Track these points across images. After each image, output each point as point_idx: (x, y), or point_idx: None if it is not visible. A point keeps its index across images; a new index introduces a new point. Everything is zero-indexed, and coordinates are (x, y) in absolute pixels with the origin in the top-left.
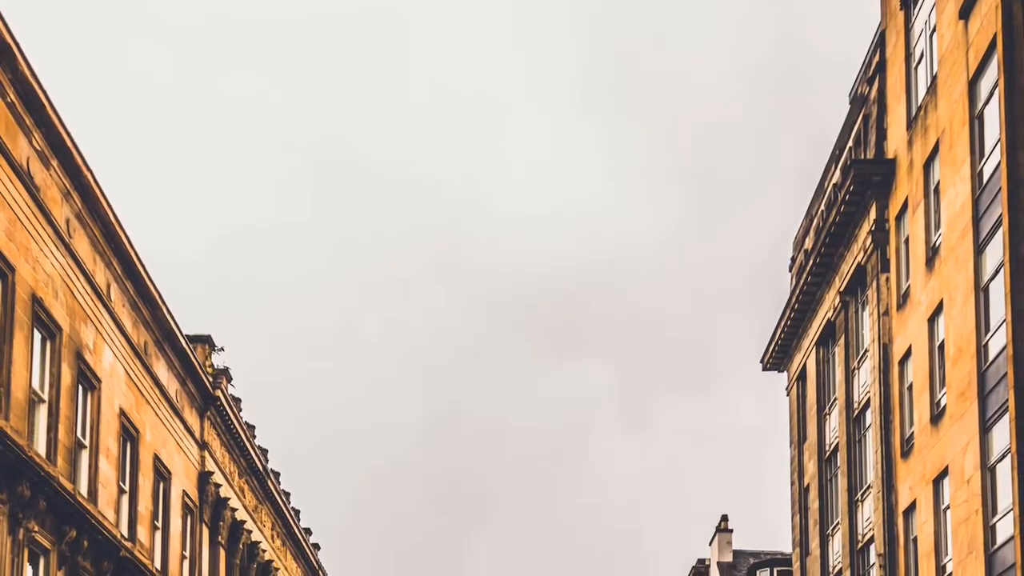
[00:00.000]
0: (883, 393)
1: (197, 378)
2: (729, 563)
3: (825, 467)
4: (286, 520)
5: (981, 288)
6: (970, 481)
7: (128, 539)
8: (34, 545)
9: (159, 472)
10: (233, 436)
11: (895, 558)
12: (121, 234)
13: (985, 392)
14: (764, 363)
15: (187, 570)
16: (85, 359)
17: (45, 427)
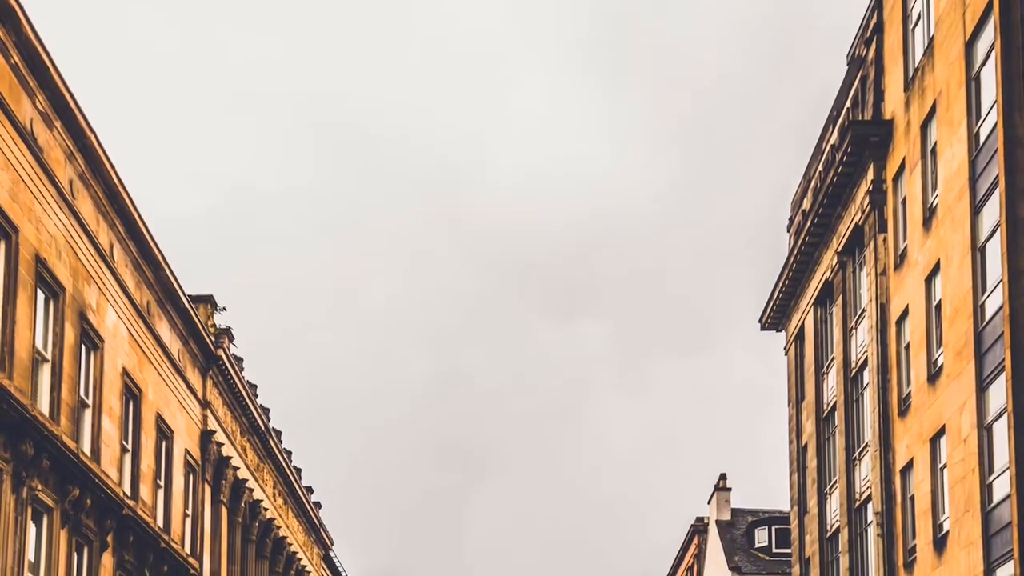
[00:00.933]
0: (880, 352)
1: (199, 338)
2: (727, 521)
3: (823, 426)
4: (288, 479)
5: (978, 248)
6: (967, 440)
7: (131, 498)
8: (37, 504)
9: (161, 431)
10: (235, 395)
11: (892, 516)
12: (124, 195)
13: (982, 351)
14: (762, 322)
15: (189, 528)
16: (88, 319)
17: (48, 386)
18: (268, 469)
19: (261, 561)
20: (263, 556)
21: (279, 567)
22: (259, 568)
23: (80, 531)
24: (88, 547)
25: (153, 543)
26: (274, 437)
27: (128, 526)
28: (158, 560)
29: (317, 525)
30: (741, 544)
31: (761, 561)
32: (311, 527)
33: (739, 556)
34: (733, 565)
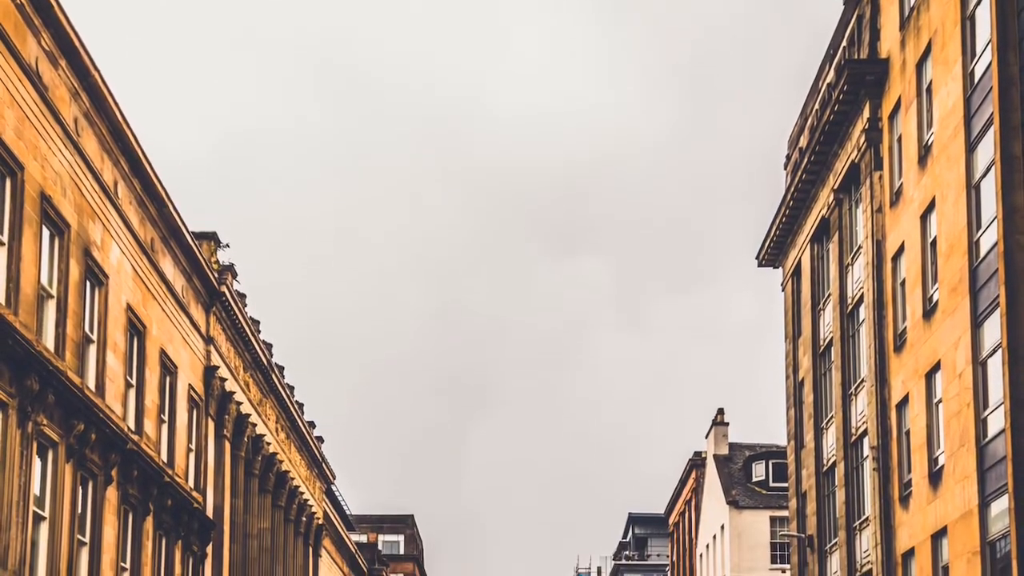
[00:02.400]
0: (876, 289)
1: (203, 274)
2: (725, 456)
3: (819, 361)
4: (290, 413)
5: (972, 186)
6: (962, 375)
7: (135, 432)
8: (42, 438)
9: (165, 366)
10: (238, 331)
11: (888, 451)
12: (128, 133)
13: (976, 288)
14: (759, 259)
15: (192, 463)
16: (93, 255)
17: (53, 322)
18: (271, 404)
19: (264, 495)
20: (266, 490)
21: (281, 501)
22: (262, 502)
23: (85, 465)
24: (93, 481)
25: (157, 477)
26: (277, 372)
27: (132, 460)
28: (162, 494)
29: (319, 459)
30: (739, 478)
31: (758, 495)
32: (313, 461)
33: (737, 490)
34: (731, 499)
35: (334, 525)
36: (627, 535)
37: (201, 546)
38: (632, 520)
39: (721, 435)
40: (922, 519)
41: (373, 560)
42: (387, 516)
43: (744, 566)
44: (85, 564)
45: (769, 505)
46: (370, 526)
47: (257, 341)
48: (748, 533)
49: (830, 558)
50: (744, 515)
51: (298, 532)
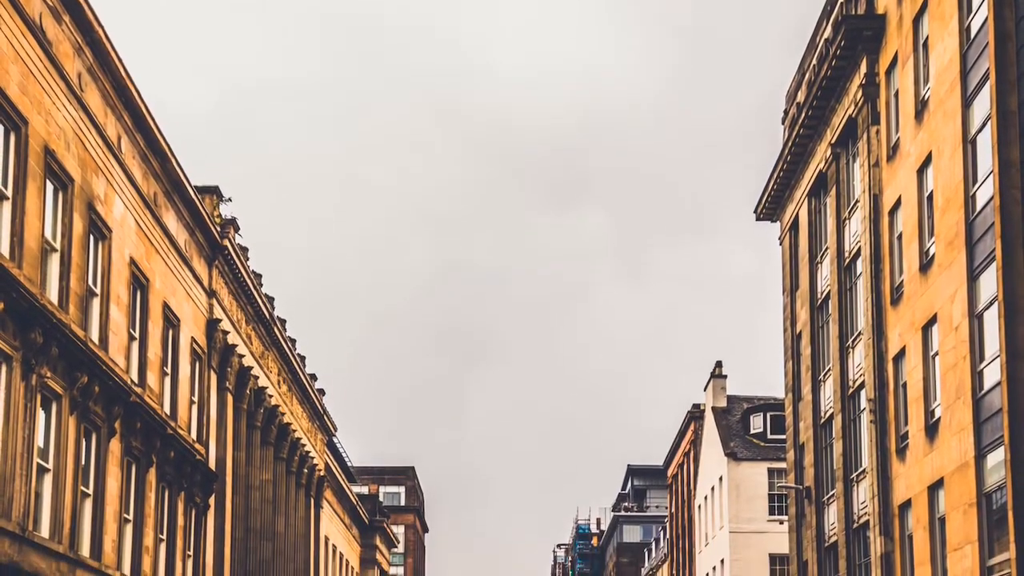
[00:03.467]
0: (873, 242)
1: (205, 228)
2: (723, 408)
3: (817, 314)
4: (292, 366)
5: (969, 140)
6: (958, 328)
7: (138, 385)
8: (46, 391)
9: (168, 319)
10: (240, 284)
11: (885, 403)
12: (131, 88)
13: (972, 241)
14: (757, 213)
15: (195, 415)
16: (96, 209)
17: (57, 276)
18: (273, 357)
19: (266, 447)
20: (268, 442)
21: (283, 453)
22: (264, 454)
23: (88, 418)
24: (96, 433)
25: (160, 429)
26: (278, 325)
27: (135, 413)
28: (165, 446)
29: (320, 412)
30: (737, 430)
31: (756, 447)
32: (315, 414)
33: (735, 442)
34: (729, 451)
35: (335, 477)
36: (626, 487)
37: (204, 498)
38: (631, 472)
39: (719, 387)
40: (919, 471)
41: (374, 511)
42: (388, 468)
43: (742, 517)
44: (88, 516)
45: (767, 457)
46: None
47: (259, 294)
48: (746, 485)
49: (827, 509)
50: (742, 467)
51: (300, 484)
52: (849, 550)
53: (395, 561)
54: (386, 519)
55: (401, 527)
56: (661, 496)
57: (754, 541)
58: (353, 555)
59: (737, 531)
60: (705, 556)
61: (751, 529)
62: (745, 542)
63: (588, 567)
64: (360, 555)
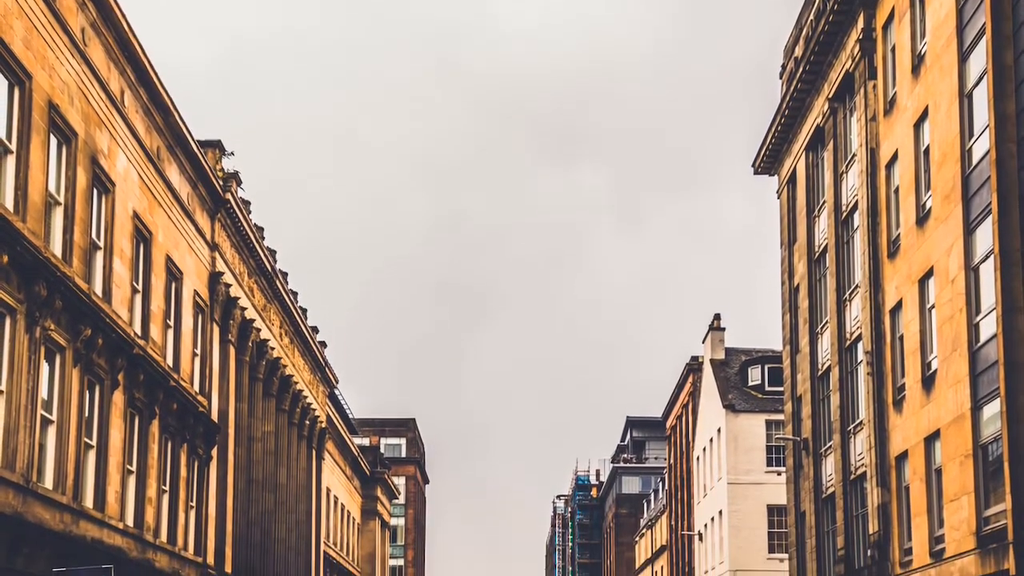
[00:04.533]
0: (870, 196)
1: (208, 182)
2: (721, 360)
3: (814, 267)
4: (293, 319)
5: (965, 94)
6: (954, 281)
7: (141, 337)
8: (50, 343)
9: (171, 272)
10: (242, 237)
11: (882, 355)
12: (134, 42)
13: (969, 195)
14: (755, 167)
15: (198, 367)
16: (100, 163)
17: (61, 229)
18: (274, 309)
19: (268, 399)
20: (270, 394)
21: (285, 404)
22: (266, 405)
23: (92, 370)
24: (99, 385)
25: (163, 381)
26: (280, 278)
27: (138, 365)
28: (168, 398)
29: (322, 363)
30: (735, 382)
31: (754, 399)
32: (316, 366)
33: (733, 394)
34: (727, 403)
35: (337, 428)
36: (625, 438)
37: (206, 449)
38: (630, 424)
39: (718, 340)
40: (915, 423)
41: (375, 463)
42: (389, 420)
43: (740, 469)
44: (92, 467)
45: (765, 409)
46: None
47: (261, 247)
48: (744, 436)
49: (825, 461)
50: (740, 419)
51: (301, 435)
52: (846, 501)
53: (396, 512)
54: (387, 470)
55: (402, 478)
56: (660, 448)
57: (752, 492)
58: (354, 506)
59: (735, 482)
60: (703, 507)
61: (749, 480)
62: (743, 493)
63: (588, 518)
64: (361, 506)
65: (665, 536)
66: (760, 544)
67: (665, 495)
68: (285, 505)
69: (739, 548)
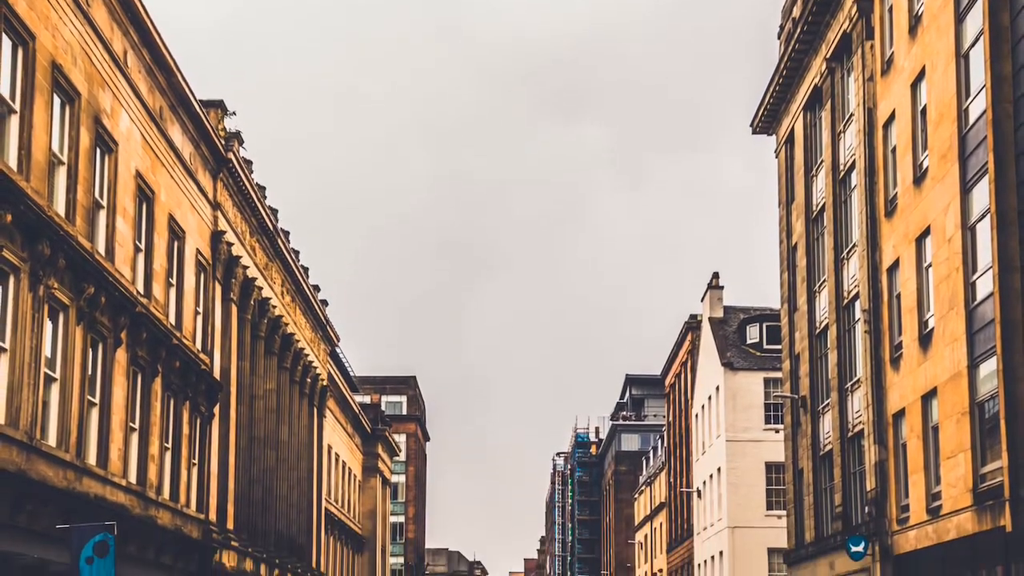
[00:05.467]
0: (868, 155)
1: (210, 141)
2: (720, 318)
3: (812, 226)
4: (295, 277)
5: (961, 55)
6: (951, 240)
7: (144, 295)
8: (53, 302)
9: (173, 231)
10: (244, 197)
11: (879, 314)
12: (137, 3)
13: (965, 154)
14: (754, 126)
15: (200, 325)
16: (103, 123)
17: (64, 188)
18: (276, 268)
19: (269, 357)
20: (271, 352)
21: (287, 363)
22: (267, 363)
23: (95, 328)
24: (103, 343)
25: (165, 339)
26: (282, 237)
27: (141, 323)
28: (170, 356)
29: (323, 322)
30: (733, 340)
31: (752, 357)
32: (318, 324)
33: (731, 352)
34: (725, 361)
35: (338, 386)
36: (624, 396)
37: (208, 407)
38: (629, 381)
39: (716, 298)
40: (912, 380)
41: (376, 420)
42: (390, 377)
43: (738, 426)
44: (95, 424)
45: (763, 367)
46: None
47: (263, 206)
48: (742, 394)
49: (822, 419)
50: (738, 376)
51: (303, 393)
52: (844, 458)
53: (397, 469)
54: (388, 428)
55: (403, 436)
56: (659, 405)
57: (750, 449)
58: (355, 463)
59: (733, 439)
60: (702, 464)
61: (747, 438)
62: (741, 450)
63: (587, 475)
64: (362, 463)
65: (664, 493)
66: (758, 501)
67: (664, 452)
68: (287, 462)
69: (737, 505)
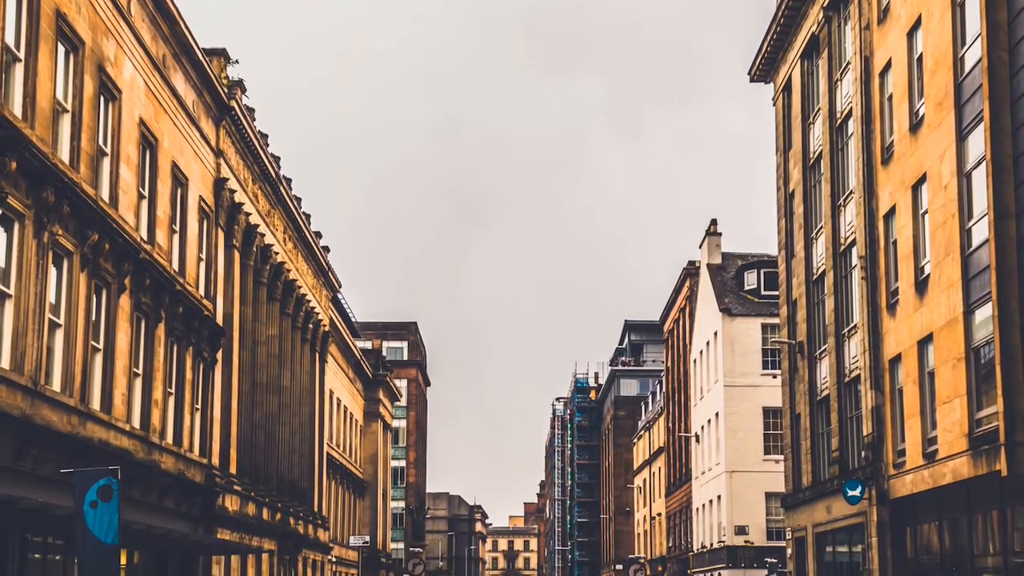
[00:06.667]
0: (864, 103)
1: (213, 89)
2: (718, 265)
3: (809, 174)
4: (297, 224)
5: (957, 3)
6: (947, 187)
7: (147, 242)
8: (58, 248)
9: (177, 178)
10: (247, 144)
11: (876, 260)
12: None
13: (961, 102)
14: (751, 75)
15: (203, 272)
16: (106, 71)
17: (68, 136)
18: (279, 215)
19: (272, 303)
20: (274, 298)
21: (289, 309)
22: (270, 310)
23: (99, 274)
24: (107, 289)
25: (169, 285)
26: (284, 184)
27: (145, 269)
28: (173, 302)
29: (325, 268)
30: (731, 286)
31: (750, 303)
32: (320, 270)
33: (729, 298)
34: (723, 307)
35: (340, 332)
36: (623, 342)
37: (211, 352)
38: (628, 327)
39: (714, 245)
40: (908, 326)
41: (377, 366)
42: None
43: (736, 371)
44: (99, 370)
45: (760, 313)
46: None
47: (265, 154)
48: (740, 340)
49: (819, 364)
50: (736, 322)
51: (305, 339)
52: (840, 403)
53: (398, 414)
54: (389, 373)
55: (404, 381)
56: (657, 351)
57: (748, 394)
58: (357, 408)
59: (731, 385)
60: (700, 409)
61: (745, 383)
62: (739, 395)
63: (586, 420)
64: (364, 408)
65: (662, 438)
66: (756, 445)
67: (663, 397)
68: (289, 407)
69: (735, 449)
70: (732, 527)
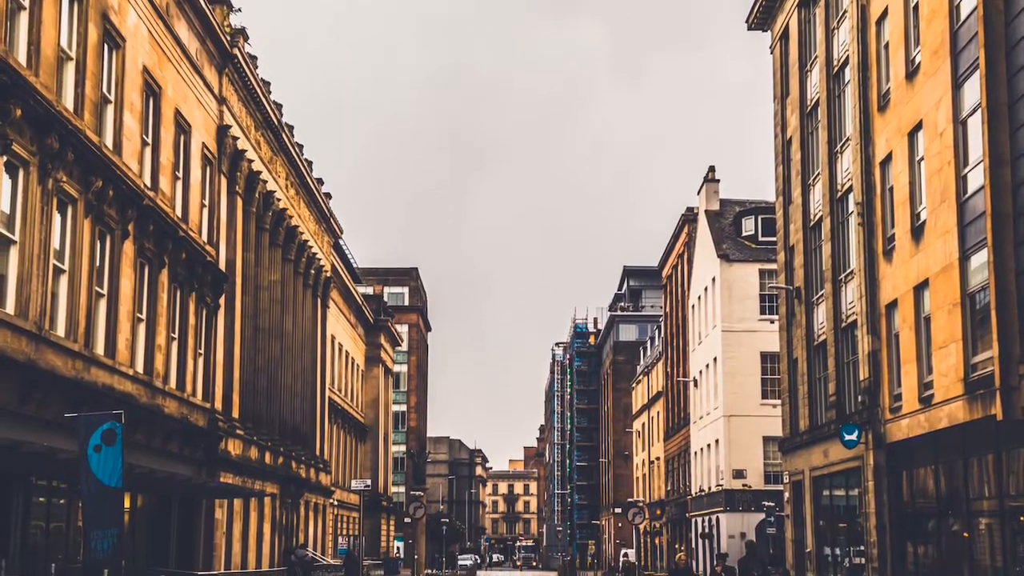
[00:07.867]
0: (861, 51)
1: (216, 37)
2: (716, 211)
3: (807, 121)
4: (299, 171)
5: None
6: (943, 134)
7: (151, 189)
8: (62, 195)
9: (180, 125)
10: (249, 92)
11: (872, 206)
12: None
13: (957, 50)
14: (749, 23)
15: (206, 218)
16: (110, 19)
17: (73, 83)
18: (281, 162)
19: (274, 249)
20: (276, 244)
21: (291, 254)
22: (272, 255)
23: (103, 220)
24: (110, 235)
25: (172, 232)
26: (286, 131)
27: (148, 215)
28: (176, 248)
29: (327, 215)
30: (729, 233)
31: (748, 249)
32: (321, 216)
33: (727, 244)
34: (721, 253)
35: (341, 278)
36: (622, 287)
37: (214, 298)
38: (627, 273)
39: (712, 191)
40: (905, 272)
41: (379, 311)
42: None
43: (734, 317)
44: (103, 315)
45: (758, 258)
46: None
47: (268, 101)
48: (738, 285)
49: (816, 309)
50: (734, 268)
51: (307, 284)
52: (837, 348)
53: (399, 359)
54: (390, 318)
55: (405, 326)
56: (656, 296)
57: (746, 340)
58: (358, 353)
59: (729, 330)
60: (699, 354)
61: (743, 328)
62: (737, 340)
63: (586, 365)
64: (365, 353)
65: (661, 382)
66: (753, 390)
67: (661, 342)
68: (291, 352)
69: (733, 394)
70: (730, 471)
